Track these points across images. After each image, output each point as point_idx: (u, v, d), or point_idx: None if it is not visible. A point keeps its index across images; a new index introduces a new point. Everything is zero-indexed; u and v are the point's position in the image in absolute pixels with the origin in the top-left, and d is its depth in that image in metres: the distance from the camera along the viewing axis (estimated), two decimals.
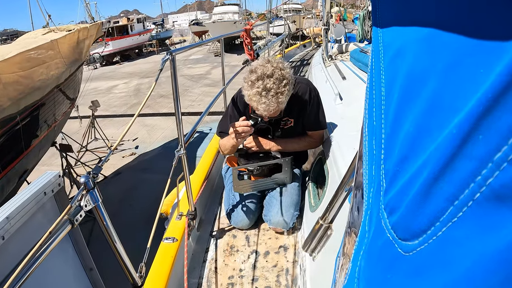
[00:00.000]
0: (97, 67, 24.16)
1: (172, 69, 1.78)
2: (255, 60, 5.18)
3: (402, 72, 0.45)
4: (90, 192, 1.02)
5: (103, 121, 9.77)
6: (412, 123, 0.38)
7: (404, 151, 0.39)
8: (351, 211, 0.73)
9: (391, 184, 0.42)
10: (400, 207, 0.39)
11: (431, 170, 0.32)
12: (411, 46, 0.43)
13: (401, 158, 0.40)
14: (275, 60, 1.88)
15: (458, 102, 0.29)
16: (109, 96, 14.13)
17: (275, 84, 1.79)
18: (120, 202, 5.69)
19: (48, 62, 4.92)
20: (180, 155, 1.91)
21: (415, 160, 0.36)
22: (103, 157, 7.56)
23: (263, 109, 1.84)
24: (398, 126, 0.42)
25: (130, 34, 29.80)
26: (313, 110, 2.19)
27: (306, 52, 12.57)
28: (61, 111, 5.98)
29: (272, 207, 2.17)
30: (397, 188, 0.40)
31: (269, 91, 1.79)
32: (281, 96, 1.81)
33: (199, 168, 2.87)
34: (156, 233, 1.78)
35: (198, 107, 10.61)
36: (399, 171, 0.40)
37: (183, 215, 2.17)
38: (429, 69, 0.36)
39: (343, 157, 1.87)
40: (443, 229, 0.31)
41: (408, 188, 0.36)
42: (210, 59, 22.24)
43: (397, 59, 0.47)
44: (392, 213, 0.41)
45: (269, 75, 1.79)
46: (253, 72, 1.84)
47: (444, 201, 0.30)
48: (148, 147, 8.03)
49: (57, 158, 6.53)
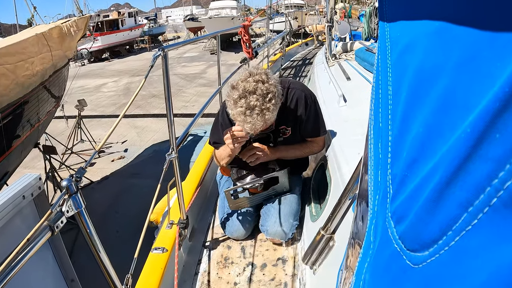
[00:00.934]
0: (84, 63, 24.17)
1: (164, 66, 1.77)
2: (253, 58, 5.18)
3: (410, 69, 0.44)
4: (72, 197, 1.01)
5: (90, 121, 9.76)
6: (421, 124, 0.38)
7: (413, 154, 0.39)
8: (355, 221, 0.73)
9: (399, 190, 0.42)
10: (408, 215, 0.38)
11: (443, 174, 0.31)
12: (420, 41, 0.42)
13: (410, 162, 0.40)
14: (257, 72, 1.84)
15: (472, 99, 0.29)
16: (97, 95, 14.12)
17: (259, 101, 1.75)
18: (106, 208, 5.66)
19: (33, 57, 4.91)
20: (171, 159, 1.90)
21: (425, 163, 0.35)
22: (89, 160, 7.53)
23: (250, 128, 1.82)
24: (407, 127, 0.42)
25: (121, 29, 29.88)
26: (310, 117, 2.15)
27: (308, 50, 12.60)
28: (46, 110, 5.97)
29: (269, 217, 2.16)
30: (406, 195, 0.40)
31: (253, 109, 1.75)
32: (267, 112, 1.77)
33: (192, 173, 2.86)
34: (144, 242, 1.76)
35: (192, 108, 10.62)
36: (408, 176, 0.39)
37: (174, 224, 2.15)
38: (441, 64, 0.35)
39: (347, 163, 1.86)
40: (456, 239, 0.31)
41: (418, 194, 0.36)
42: (205, 57, 22.29)
43: (406, 55, 0.47)
44: (399, 222, 0.40)
45: (251, 91, 1.75)
46: (234, 89, 1.80)
47: (457, 207, 0.30)
48: (138, 150, 8.02)
49: (40, 160, 6.50)
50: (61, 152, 7.36)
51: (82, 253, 4.36)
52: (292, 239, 2.17)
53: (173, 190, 2.14)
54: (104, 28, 27.73)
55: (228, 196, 2.16)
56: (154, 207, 2.14)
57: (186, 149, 7.40)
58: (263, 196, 2.24)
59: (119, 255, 2.18)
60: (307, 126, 2.17)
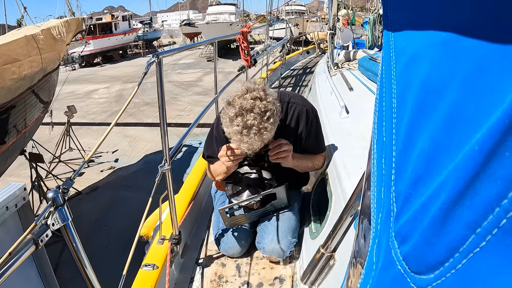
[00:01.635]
0: (75, 68, 24.24)
1: (158, 73, 1.78)
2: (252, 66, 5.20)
3: (416, 81, 0.44)
4: (58, 209, 1.00)
5: (80, 129, 9.75)
6: (427, 139, 0.38)
7: (418, 171, 0.39)
8: (356, 239, 0.73)
9: (403, 208, 0.42)
10: (413, 235, 0.38)
11: (450, 193, 0.31)
12: (427, 51, 0.42)
13: (415, 179, 0.39)
14: (255, 87, 1.80)
15: (481, 114, 0.29)
16: (88, 102, 14.13)
17: (256, 119, 1.70)
18: (95, 221, 5.63)
19: (21, 60, 4.92)
20: (164, 171, 1.90)
21: (431, 181, 0.35)
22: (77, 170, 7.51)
23: (246, 148, 1.79)
24: (411, 142, 0.42)
25: (114, 33, 30.03)
26: (312, 134, 2.14)
27: (309, 59, 12.68)
28: (33, 115, 5.96)
29: (266, 233, 2.15)
30: (410, 214, 0.39)
31: (250, 129, 1.71)
32: (265, 132, 1.74)
33: (186, 186, 2.85)
34: (134, 258, 1.75)
35: (187, 118, 10.63)
36: (412, 194, 0.39)
37: (165, 239, 2.14)
38: (448, 77, 0.35)
39: (349, 178, 1.86)
40: (463, 261, 0.30)
41: (423, 213, 0.36)
42: (202, 65, 22.38)
43: (411, 66, 0.47)
44: (404, 242, 0.40)
45: (248, 109, 1.71)
46: (230, 105, 1.76)
47: (465, 228, 0.30)
48: (129, 160, 8.00)
49: (26, 168, 6.47)
50: (48, 160, 7.34)
51: (68, 268, 4.32)
52: (290, 257, 2.16)
53: (165, 204, 2.13)
54: (97, 31, 27.87)
55: (223, 214, 2.14)
56: (145, 221, 2.13)
57: (180, 161, 7.39)
58: (260, 212, 2.23)
59: (107, 271, 2.16)
60: (308, 143, 2.15)
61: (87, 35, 21.47)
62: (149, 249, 2.15)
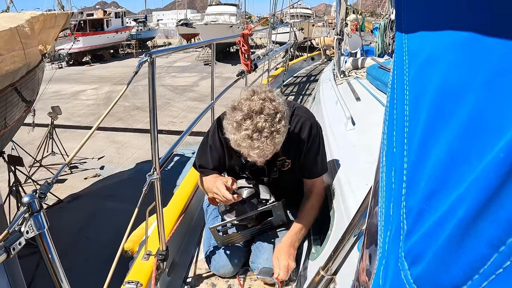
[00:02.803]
0: (62, 66, 24.30)
1: (150, 74, 1.77)
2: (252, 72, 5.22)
3: (432, 85, 0.44)
4: (34, 216, 0.99)
5: (64, 132, 9.74)
6: (444, 148, 0.37)
7: (433, 183, 0.38)
8: (360, 261, 0.72)
9: (415, 225, 0.41)
10: (426, 254, 0.37)
11: (470, 207, 0.30)
12: (444, 53, 0.42)
13: (429, 193, 0.39)
14: (261, 89, 1.80)
15: (505, 120, 0.28)
16: (74, 103, 14.14)
17: (267, 121, 1.68)
18: (75, 232, 5.60)
19: (3, 54, 4.91)
20: (152, 181, 1.89)
21: (447, 194, 0.35)
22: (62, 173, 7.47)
23: (257, 155, 1.75)
24: (426, 152, 0.41)
25: (106, 30, 30.18)
26: (312, 150, 2.12)
27: (314, 66, 12.76)
28: (15, 115, 5.94)
29: (262, 253, 2.14)
30: (423, 231, 0.39)
31: (261, 132, 1.68)
32: (277, 135, 1.72)
33: (176, 198, 2.85)
34: (116, 274, 1.73)
35: (180, 125, 10.63)
36: (426, 210, 0.39)
37: (151, 255, 2.12)
38: (468, 80, 0.35)
39: (353, 194, 1.86)
40: (483, 284, 0.30)
41: (438, 230, 0.35)
42: (198, 68, 22.49)
43: (426, 70, 0.47)
44: (415, 263, 0.39)
45: (258, 111, 1.69)
46: (236, 109, 1.74)
47: (487, 246, 0.29)
48: (115, 168, 7.98)
49: (4, 171, 6.44)
50: (28, 164, 7.31)
51: (44, 281, 4.28)
52: (287, 280, 2.14)
53: (152, 217, 2.12)
54: (87, 28, 28.00)
55: (215, 233, 2.13)
56: (130, 234, 2.11)
57: (170, 171, 7.38)
58: (256, 230, 2.21)
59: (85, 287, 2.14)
60: (307, 160, 2.13)
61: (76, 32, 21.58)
62: (133, 265, 2.13)
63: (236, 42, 4.88)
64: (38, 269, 4.45)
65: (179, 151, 8.25)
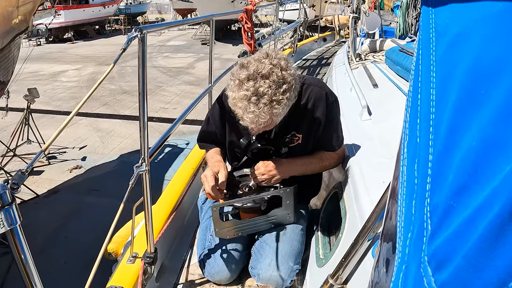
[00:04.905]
0: (40, 43, 24.28)
1: (140, 53, 1.77)
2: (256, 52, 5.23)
3: (463, 65, 0.44)
4: (5, 209, 0.99)
5: (42, 118, 9.76)
6: (476, 136, 0.37)
7: (463, 176, 0.38)
8: (376, 268, 0.72)
9: (441, 225, 0.41)
10: (453, 258, 0.37)
11: (506, 203, 0.30)
12: (477, 28, 0.42)
13: (458, 188, 0.39)
14: (277, 55, 1.85)
15: None
16: (54, 85, 14.16)
17: (271, 88, 1.74)
18: (53, 231, 5.62)
19: None
20: (140, 173, 1.89)
21: (480, 189, 0.34)
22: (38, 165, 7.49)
23: (250, 120, 1.81)
24: (455, 141, 0.41)
25: (91, 3, 30.10)
26: (332, 122, 2.18)
27: (326, 47, 12.73)
28: None
29: (263, 257, 2.14)
30: (450, 231, 0.38)
31: (261, 97, 1.74)
32: (277, 106, 1.77)
33: (166, 194, 2.85)
34: (97, 279, 1.74)
35: (172, 112, 10.64)
36: (454, 207, 0.39)
37: (137, 258, 2.13)
38: (505, 57, 0.34)
39: (368, 193, 1.85)
40: None
41: (468, 230, 0.35)
42: (195, 48, 22.46)
43: (456, 48, 0.47)
44: (440, 268, 0.39)
45: (264, 75, 1.75)
46: (244, 67, 1.81)
47: None
48: (99, 159, 7.99)
49: None
50: (0, 153, 7.33)
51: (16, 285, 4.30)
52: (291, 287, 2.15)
53: (140, 214, 2.13)
54: (70, 0, 27.93)
55: (216, 215, 2.12)
56: (114, 234, 2.11)
57: (161, 163, 7.39)
58: (260, 223, 2.21)
59: None
60: (326, 133, 2.19)
61: (57, 4, 21.53)
62: (117, 268, 2.14)
63: (238, 18, 4.87)
64: (9, 272, 4.46)
65: (171, 141, 8.25)
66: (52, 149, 8.11)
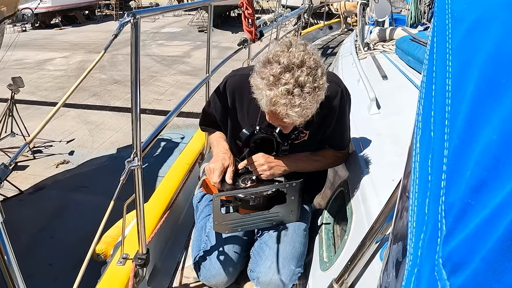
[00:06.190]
0: (25, 29, 24.24)
1: (133, 39, 1.77)
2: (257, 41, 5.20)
3: (482, 53, 0.44)
4: None
5: (27, 109, 9.75)
6: (497, 129, 0.37)
7: (482, 172, 0.38)
8: (384, 272, 0.72)
9: (457, 225, 0.41)
10: (471, 261, 0.37)
11: None
12: (498, 13, 0.42)
13: (477, 184, 0.39)
14: (297, 41, 1.83)
15: None
16: (39, 74, 14.14)
17: (310, 75, 1.73)
18: (38, 231, 5.62)
19: None
20: (132, 168, 1.89)
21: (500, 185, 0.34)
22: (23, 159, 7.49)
23: (298, 114, 1.76)
24: (473, 135, 0.41)
25: None
26: (342, 121, 2.20)
27: (332, 36, 12.75)
28: None
29: (263, 259, 2.15)
30: (468, 232, 0.38)
31: (303, 87, 1.72)
32: (319, 92, 1.77)
33: (160, 192, 2.86)
34: (85, 281, 1.74)
35: (167, 104, 10.63)
36: (472, 205, 0.38)
37: (128, 259, 2.13)
38: None
39: (376, 192, 1.85)
40: None
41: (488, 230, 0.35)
42: (191, 35, 22.43)
43: (475, 35, 0.47)
44: (456, 271, 0.39)
45: (298, 64, 1.73)
46: (270, 62, 1.78)
47: None
48: (88, 154, 7.99)
49: None
50: None
51: None
52: None
53: (131, 213, 2.13)
54: None
55: (216, 205, 2.11)
56: (103, 234, 2.11)
57: (154, 158, 7.38)
58: (261, 220, 2.21)
59: None
60: (335, 132, 2.22)
61: None
62: (106, 270, 2.14)
63: (238, 4, 4.85)
64: None
65: (165, 135, 8.23)
66: (37, 142, 8.10)
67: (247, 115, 2.20)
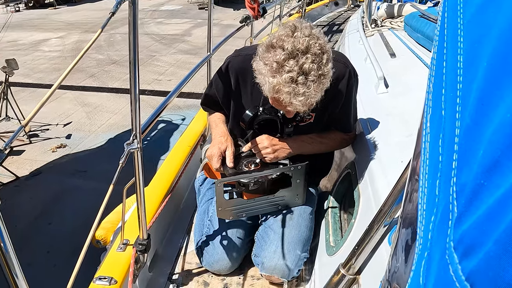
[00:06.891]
0: (19, 9, 24.14)
1: (131, 17, 1.75)
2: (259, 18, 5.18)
3: (496, 28, 0.43)
4: None
5: (22, 92, 9.75)
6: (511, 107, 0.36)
7: (496, 152, 0.38)
8: (393, 256, 0.72)
9: (469, 207, 0.40)
10: (484, 243, 0.37)
11: None
12: None
13: (489, 165, 0.38)
14: (302, 25, 1.80)
15: None
16: (34, 55, 14.12)
17: (315, 62, 1.71)
18: (35, 218, 5.65)
19: None
20: (132, 151, 1.89)
21: None
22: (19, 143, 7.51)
23: (302, 103, 1.75)
24: (486, 113, 0.41)
25: None
26: (348, 104, 2.19)
27: (338, 12, 12.65)
28: None
29: (267, 244, 2.15)
30: (480, 213, 0.38)
31: (308, 75, 1.70)
32: (324, 80, 1.75)
33: (160, 175, 2.86)
34: (84, 268, 1.75)
35: (167, 84, 10.61)
36: (485, 186, 0.38)
37: (129, 245, 2.14)
38: None
39: (384, 174, 1.85)
40: None
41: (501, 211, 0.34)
42: (191, 13, 22.31)
43: (488, 9, 0.47)
44: (468, 255, 0.39)
45: (303, 50, 1.70)
46: (274, 47, 1.75)
47: None
48: (86, 137, 8.00)
49: None
50: None
51: None
52: (298, 279, 2.17)
53: (131, 198, 2.13)
54: None
55: (219, 191, 2.12)
56: (103, 220, 2.12)
57: (154, 141, 7.38)
58: (265, 204, 2.21)
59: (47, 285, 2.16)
60: (342, 114, 2.21)
61: None
62: (106, 257, 2.15)
63: None
64: None
65: (166, 116, 8.22)
66: (33, 126, 8.11)
67: (251, 97, 2.19)
